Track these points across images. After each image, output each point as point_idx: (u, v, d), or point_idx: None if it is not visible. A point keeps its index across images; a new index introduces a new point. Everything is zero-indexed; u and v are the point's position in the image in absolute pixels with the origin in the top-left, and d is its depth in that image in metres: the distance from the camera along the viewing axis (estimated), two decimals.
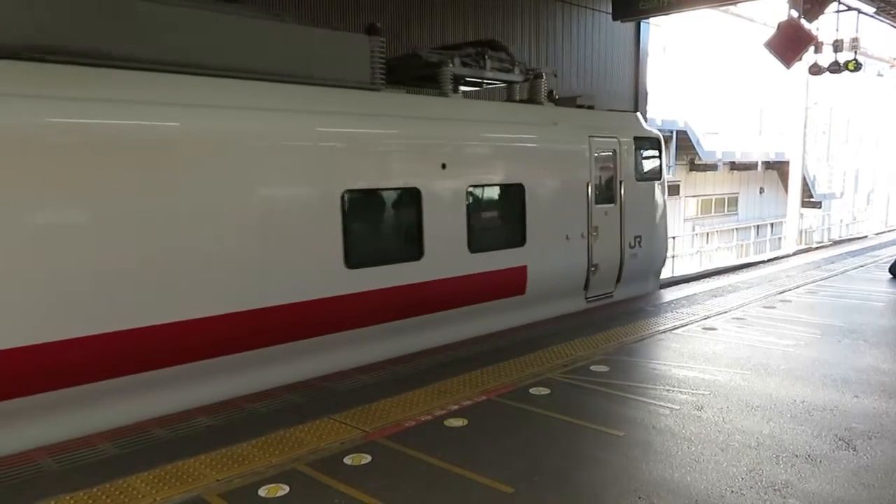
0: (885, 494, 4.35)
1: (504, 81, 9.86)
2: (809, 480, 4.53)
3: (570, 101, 10.67)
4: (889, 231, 30.84)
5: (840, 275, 12.55)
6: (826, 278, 12.15)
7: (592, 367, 7.00)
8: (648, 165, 11.00)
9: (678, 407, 5.87)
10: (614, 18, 16.14)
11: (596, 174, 10.00)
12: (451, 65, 8.85)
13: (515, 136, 9.17)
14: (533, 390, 6.33)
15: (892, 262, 12.50)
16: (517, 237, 8.92)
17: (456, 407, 5.92)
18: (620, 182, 10.44)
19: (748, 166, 30.33)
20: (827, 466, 4.73)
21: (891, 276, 12.13)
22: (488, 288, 8.59)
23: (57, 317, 5.35)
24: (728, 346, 7.77)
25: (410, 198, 7.71)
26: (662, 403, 5.96)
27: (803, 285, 11.48)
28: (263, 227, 6.49)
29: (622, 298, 10.73)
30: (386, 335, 7.58)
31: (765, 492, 4.37)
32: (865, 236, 27.38)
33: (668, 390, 6.28)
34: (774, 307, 9.79)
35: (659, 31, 22.09)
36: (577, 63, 19.24)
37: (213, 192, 6.15)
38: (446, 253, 8.05)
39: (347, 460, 4.89)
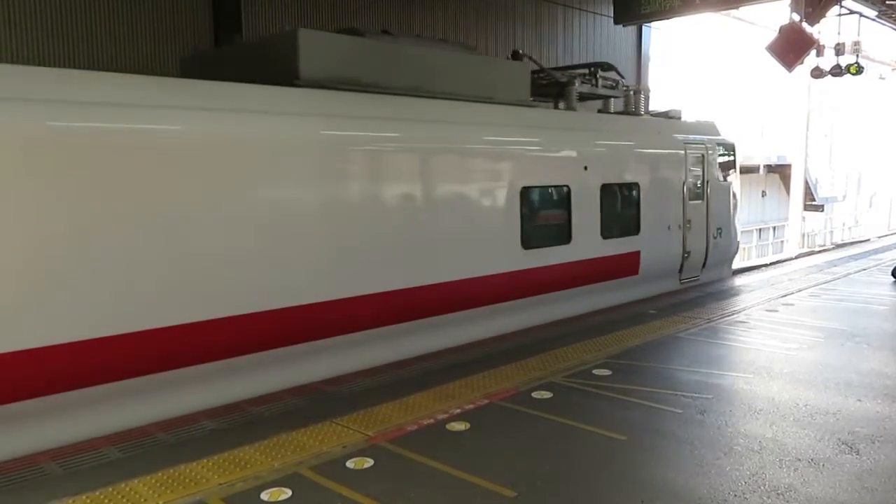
0: (889, 499, 4.34)
1: (611, 97, 11.67)
2: (812, 484, 4.51)
3: (662, 114, 12.52)
4: (892, 234, 30.79)
5: (843, 278, 12.53)
6: (829, 281, 12.13)
7: (595, 371, 6.99)
8: (726, 167, 13.03)
9: (681, 411, 5.86)
10: (616, 23, 16.16)
11: (688, 175, 11.85)
12: (576, 83, 10.87)
13: (633, 143, 11.07)
14: (535, 394, 6.32)
15: (895, 265, 12.48)
16: (634, 227, 10.80)
17: (458, 410, 5.92)
18: (707, 182, 12.28)
19: (750, 169, 30.30)
20: (830, 470, 4.71)
21: (893, 279, 12.10)
22: (613, 268, 10.45)
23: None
24: (731, 350, 7.76)
25: (563, 193, 9.58)
26: (665, 407, 5.94)
27: (806, 288, 11.46)
28: (480, 214, 8.54)
29: (706, 281, 12.47)
30: (545, 304, 9.41)
31: (768, 496, 4.36)
32: (868, 239, 27.33)
33: (670, 394, 6.27)
34: (777, 310, 9.77)
35: (660, 34, 22.11)
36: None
37: (452, 187, 8.27)
38: (587, 238, 9.87)
39: (349, 464, 4.89)
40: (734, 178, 13.25)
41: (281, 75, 7.28)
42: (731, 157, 13.14)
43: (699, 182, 12.12)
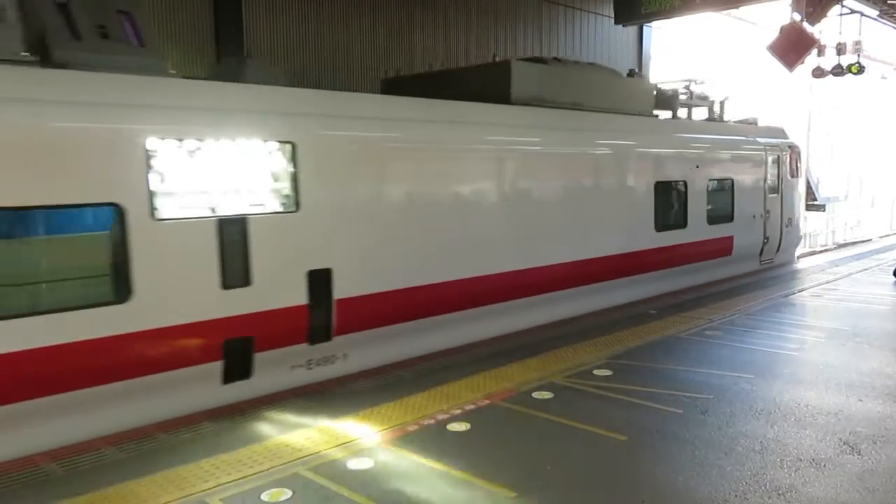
0: (890, 499, 4.33)
1: (703, 106, 13.81)
2: (814, 485, 4.50)
3: (743, 120, 14.45)
4: (893, 234, 30.73)
5: (844, 278, 12.51)
6: (830, 281, 12.11)
7: (595, 371, 6.98)
8: (794, 166, 14.99)
9: (682, 411, 5.85)
10: (616, 23, 16.16)
11: (767, 172, 13.88)
12: (683, 97, 13.19)
13: (729, 146, 13.29)
14: (536, 394, 6.31)
15: None
16: (729, 216, 12.83)
17: (459, 411, 5.91)
18: (780, 178, 14.29)
19: None
20: (831, 471, 4.70)
21: (895, 279, 12.08)
22: (714, 250, 12.54)
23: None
24: (732, 350, 7.75)
25: (682, 187, 11.72)
26: (666, 407, 5.94)
27: (807, 288, 11.44)
28: (632, 203, 10.76)
29: (778, 263, 14.52)
30: (670, 277, 11.57)
31: (769, 496, 4.35)
32: (870, 239, 27.29)
33: (671, 394, 6.26)
34: (778, 310, 9.75)
35: (662, 34, 22.09)
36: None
37: (616, 182, 10.59)
38: (698, 224, 12.00)
39: (350, 464, 4.88)
40: (800, 175, 15.50)
41: (498, 96, 9.30)
42: (799, 158, 15.40)
43: (775, 178, 14.18)
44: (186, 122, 6.18)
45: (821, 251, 23.78)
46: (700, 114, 13.90)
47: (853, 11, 17.19)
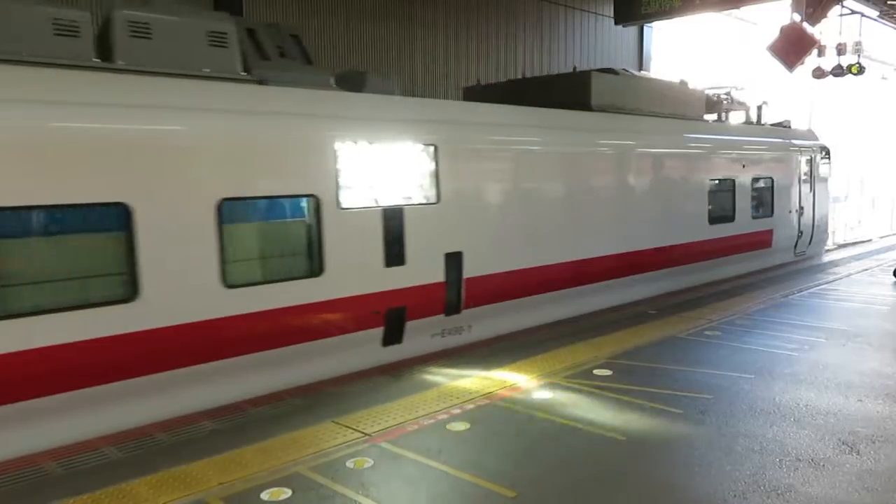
0: (889, 499, 4.34)
1: (739, 110, 15.04)
2: (813, 484, 4.51)
3: (778, 124, 15.52)
4: (893, 234, 30.72)
5: (844, 278, 12.51)
6: (830, 281, 12.11)
7: (595, 371, 6.99)
8: (825, 166, 16.30)
9: (681, 411, 5.86)
10: (616, 23, 16.15)
11: (801, 171, 15.21)
12: (724, 102, 14.33)
13: (769, 147, 14.56)
14: (536, 394, 6.32)
15: None
16: (769, 211, 14.12)
17: (458, 411, 5.92)
18: (813, 177, 15.62)
19: None
20: (830, 470, 4.71)
21: (895, 279, 12.09)
22: (757, 242, 13.86)
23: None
24: (731, 350, 7.76)
25: (730, 184, 12.99)
26: (665, 407, 5.94)
27: (807, 288, 11.45)
28: (691, 198, 12.11)
29: (809, 255, 15.81)
30: (718, 266, 12.94)
31: (768, 496, 4.36)
32: (870, 239, 27.28)
33: (670, 394, 6.27)
34: (778, 310, 9.76)
35: (662, 34, 22.10)
36: (580, 67, 19.27)
37: (676, 179, 11.84)
38: (743, 218, 13.27)
39: (350, 464, 4.89)
40: (829, 175, 16.77)
41: (579, 104, 10.47)
42: (828, 159, 16.64)
43: (808, 177, 15.50)
44: (360, 129, 7.48)
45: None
46: (737, 117, 15.01)
47: (853, 12, 17.18)
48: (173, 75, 6.44)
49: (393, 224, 7.62)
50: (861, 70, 16.99)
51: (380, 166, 7.58)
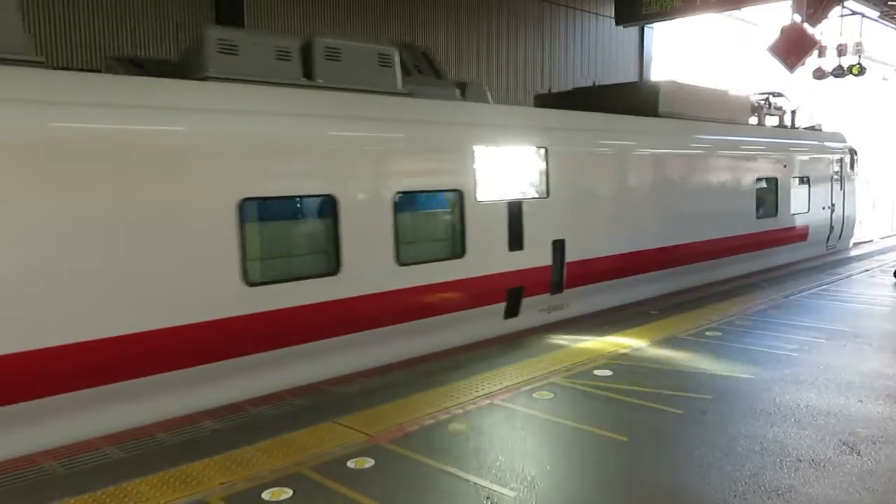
0: (890, 499, 4.34)
1: (775, 115, 16.40)
2: (813, 485, 4.52)
3: (810, 127, 17.13)
4: (894, 235, 30.70)
5: (845, 279, 12.52)
6: (831, 282, 12.12)
7: (596, 372, 7.00)
8: (852, 167, 17.77)
9: (681, 411, 5.87)
10: (617, 23, 16.17)
11: (833, 171, 16.67)
12: (763, 107, 15.58)
13: (807, 148, 16.07)
14: (536, 394, 6.33)
15: None
16: (806, 208, 15.54)
17: (459, 411, 5.93)
18: (843, 177, 17.07)
19: None
20: (831, 471, 4.72)
21: (895, 280, 12.07)
22: (795, 235, 15.40)
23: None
24: (731, 350, 7.76)
25: (774, 183, 14.54)
26: (666, 408, 5.95)
27: (808, 289, 11.45)
28: (743, 195, 13.60)
29: (839, 249, 17.32)
30: (763, 256, 14.40)
31: (768, 496, 4.37)
32: (871, 240, 27.28)
33: (671, 394, 6.27)
34: (779, 311, 9.76)
35: (663, 34, 22.09)
36: (581, 67, 19.28)
37: (736, 178, 13.38)
38: (785, 214, 14.85)
39: (350, 464, 4.90)
40: (856, 175, 18.23)
41: (647, 110, 11.80)
42: (856, 159, 18.03)
43: (839, 177, 16.86)
44: (490, 134, 8.91)
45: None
46: (771, 121, 16.21)
47: (854, 13, 17.19)
48: (358, 91, 7.84)
49: (514, 215, 9.10)
50: (862, 71, 16.99)
51: (503, 166, 9.06)
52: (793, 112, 16.47)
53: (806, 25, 14.16)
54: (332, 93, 7.58)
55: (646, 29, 20.81)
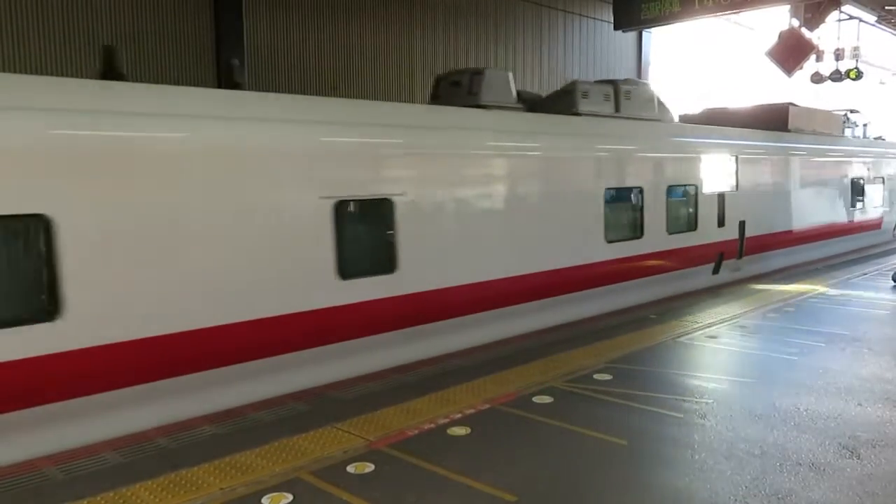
0: (889, 503, 4.34)
1: (850, 127, 19.66)
2: (813, 489, 4.52)
3: (879, 138, 20.93)
4: (893, 239, 30.69)
5: (843, 282, 12.53)
6: (830, 286, 12.13)
7: (595, 376, 6.99)
8: None
9: (682, 415, 5.87)
10: (616, 28, 16.20)
11: (890, 172, 20.11)
12: (844, 122, 18.66)
13: (881, 155, 19.88)
14: (536, 399, 6.32)
15: (895, 270, 12.49)
16: (879, 202, 19.32)
17: (459, 415, 5.92)
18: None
19: None
20: (831, 475, 4.72)
21: (894, 283, 12.10)
22: (874, 224, 18.99)
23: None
24: (732, 354, 7.76)
25: (862, 181, 18.00)
26: (666, 412, 5.95)
27: (807, 293, 11.46)
28: (833, 194, 16.92)
29: None
30: (852, 240, 17.76)
31: (769, 500, 4.36)
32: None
33: (671, 399, 6.27)
34: (778, 315, 9.77)
35: (662, 39, 22.14)
36: (579, 72, 19.32)
37: (840, 177, 17.16)
38: (868, 207, 18.34)
39: (350, 469, 4.89)
40: None
41: (779, 127, 15.14)
42: None
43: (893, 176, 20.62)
44: (712, 148, 12.72)
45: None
46: (847, 132, 19.53)
47: (851, 17, 17.26)
48: (649, 120, 11.39)
49: (721, 203, 12.80)
50: (859, 75, 17.06)
51: (714, 169, 12.66)
52: (864, 125, 20.31)
53: (804, 30, 14.21)
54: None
55: (644, 34, 20.86)
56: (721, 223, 12.77)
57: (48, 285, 5.38)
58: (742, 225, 13.30)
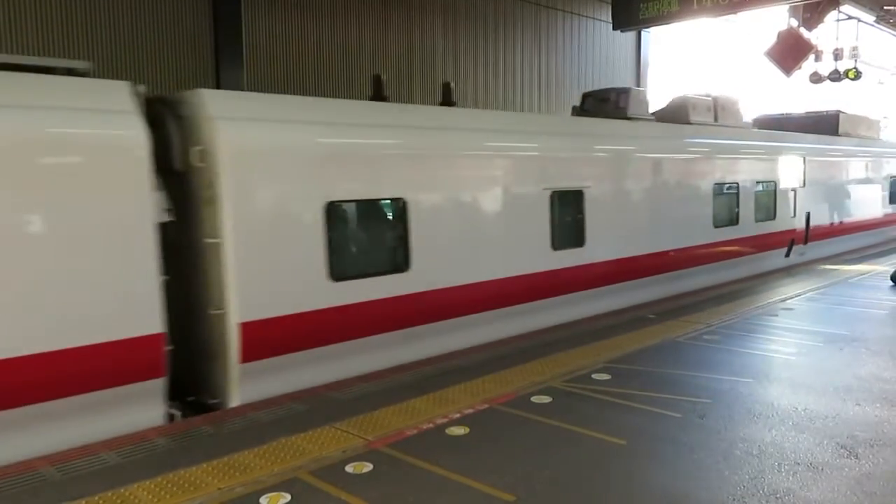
0: (888, 502, 4.35)
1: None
2: (811, 488, 4.52)
3: None
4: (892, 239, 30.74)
5: (842, 282, 12.54)
6: (828, 286, 12.14)
7: (594, 376, 7.00)
8: None
9: (680, 415, 5.87)
10: (614, 28, 16.18)
11: None
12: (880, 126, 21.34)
13: None
14: (534, 399, 6.33)
15: (894, 270, 12.50)
16: None
17: (457, 415, 5.92)
18: None
19: None
20: (829, 474, 4.72)
21: (892, 283, 12.11)
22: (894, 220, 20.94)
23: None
24: (730, 354, 7.77)
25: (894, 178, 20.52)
26: (664, 411, 5.95)
27: (805, 293, 11.47)
28: (884, 187, 19.68)
29: None
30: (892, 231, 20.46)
31: (766, 500, 4.37)
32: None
33: (669, 398, 6.28)
34: (776, 315, 9.78)
35: (660, 39, 22.14)
36: (579, 72, 19.33)
37: (883, 176, 19.70)
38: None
39: (349, 468, 4.89)
40: None
41: (830, 131, 17.33)
42: None
43: None
44: (786, 150, 14.94)
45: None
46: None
47: (850, 17, 17.26)
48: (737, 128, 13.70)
49: (793, 196, 14.90)
50: (858, 75, 17.07)
51: (789, 167, 14.75)
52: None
53: (802, 30, 14.21)
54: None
55: (643, 33, 20.86)
56: (794, 213, 15.06)
57: (404, 247, 7.76)
58: (808, 216, 15.54)
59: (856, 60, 17.44)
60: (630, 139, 11.06)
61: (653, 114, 12.24)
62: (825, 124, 17.28)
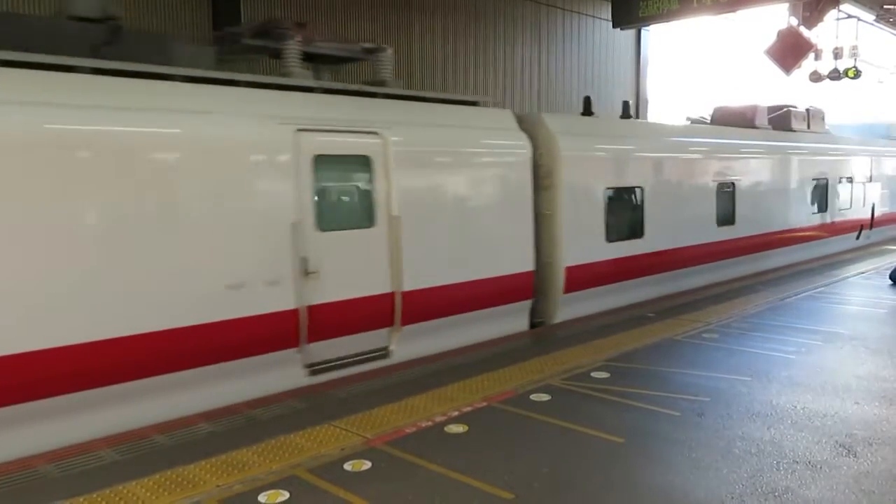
0: (886, 501, 4.35)
1: None
2: (810, 487, 4.52)
3: None
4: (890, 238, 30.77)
5: (841, 281, 12.55)
6: (827, 284, 12.15)
7: (593, 374, 7.00)
8: None
9: (679, 413, 5.87)
10: (614, 26, 16.13)
11: None
12: None
13: None
14: (533, 396, 6.33)
15: (893, 269, 12.50)
16: None
17: (456, 413, 5.92)
18: None
19: None
20: (828, 473, 4.72)
21: (891, 282, 12.12)
22: None
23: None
24: (728, 353, 7.77)
25: None
26: (663, 410, 5.95)
27: (804, 291, 11.47)
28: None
29: None
30: None
31: (765, 498, 4.37)
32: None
33: (668, 396, 6.28)
34: (776, 313, 9.78)
35: (660, 37, 22.12)
36: (578, 70, 19.32)
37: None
38: None
39: (347, 466, 4.89)
40: None
41: (885, 135, 20.70)
42: None
43: None
44: (865, 152, 18.45)
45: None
46: None
47: (850, 16, 17.24)
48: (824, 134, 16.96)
49: (864, 189, 17.64)
50: (858, 74, 17.05)
51: (861, 165, 17.75)
52: None
53: (802, 29, 14.19)
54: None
55: (642, 32, 20.84)
56: (864, 204, 17.87)
57: (642, 220, 10.77)
58: (872, 206, 18.42)
59: (855, 59, 17.41)
60: (801, 148, 15.39)
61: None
62: (881, 129, 21.39)
